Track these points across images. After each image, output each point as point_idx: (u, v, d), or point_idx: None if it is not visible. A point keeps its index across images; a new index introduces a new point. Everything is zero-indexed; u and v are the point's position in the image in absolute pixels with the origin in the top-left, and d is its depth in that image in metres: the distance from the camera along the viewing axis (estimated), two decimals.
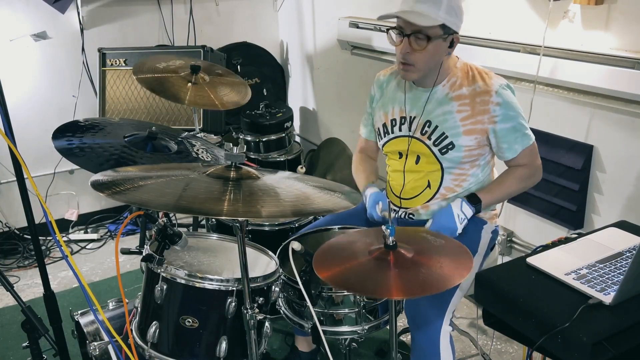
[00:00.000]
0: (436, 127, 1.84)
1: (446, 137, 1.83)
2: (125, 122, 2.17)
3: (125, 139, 1.91)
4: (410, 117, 1.90)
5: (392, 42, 1.81)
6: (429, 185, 1.90)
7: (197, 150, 2.01)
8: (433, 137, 1.85)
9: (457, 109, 1.82)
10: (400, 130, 1.93)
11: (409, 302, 1.78)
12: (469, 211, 1.81)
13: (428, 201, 1.91)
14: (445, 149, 1.84)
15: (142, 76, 2.36)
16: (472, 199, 1.83)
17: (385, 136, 1.98)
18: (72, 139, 1.84)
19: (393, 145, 1.96)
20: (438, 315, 1.71)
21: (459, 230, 1.80)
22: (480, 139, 1.82)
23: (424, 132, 1.86)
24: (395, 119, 1.94)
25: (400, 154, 1.94)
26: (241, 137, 3.50)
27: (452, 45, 1.78)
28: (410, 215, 1.95)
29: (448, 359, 1.72)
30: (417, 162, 1.90)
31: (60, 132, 1.87)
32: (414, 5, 1.72)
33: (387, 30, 1.80)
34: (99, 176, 1.36)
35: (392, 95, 1.97)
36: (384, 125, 1.97)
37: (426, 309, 1.72)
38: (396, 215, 1.99)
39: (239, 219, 1.39)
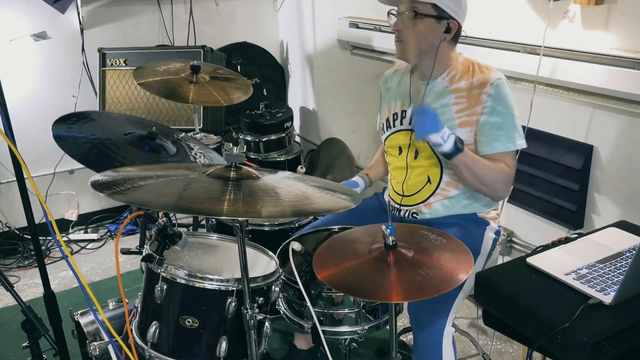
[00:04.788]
0: None
1: None
2: (122, 117, 2.18)
3: (125, 137, 1.90)
4: None
5: (390, 24, 1.84)
6: (429, 181, 1.90)
7: (195, 154, 2.01)
8: None
9: (454, 101, 1.82)
10: (401, 124, 1.94)
11: (412, 302, 1.78)
12: (451, 142, 1.69)
13: (429, 197, 1.91)
14: None
15: (144, 81, 2.37)
16: (457, 144, 1.71)
17: (387, 130, 1.99)
18: (72, 126, 1.84)
19: (394, 139, 1.97)
20: (441, 317, 1.71)
21: (428, 137, 1.68)
22: (476, 131, 1.82)
23: None
24: (396, 113, 1.96)
25: (400, 149, 1.94)
26: (241, 137, 3.50)
27: (448, 31, 1.77)
28: (414, 214, 1.95)
29: (450, 359, 1.72)
30: (415, 157, 1.90)
31: (62, 121, 1.87)
32: None
33: (388, 12, 1.83)
34: (99, 176, 1.36)
35: (395, 90, 1.99)
36: (387, 120, 1.99)
37: (429, 310, 1.72)
38: (398, 214, 1.99)
39: (239, 219, 1.39)
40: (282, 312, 1.79)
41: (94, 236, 3.58)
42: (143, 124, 2.06)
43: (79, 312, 1.97)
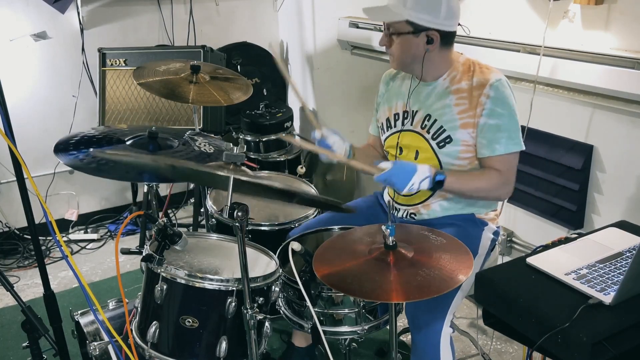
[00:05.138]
0: (435, 120, 1.84)
1: (444, 130, 1.83)
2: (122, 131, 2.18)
3: (128, 143, 1.90)
4: (413, 111, 1.91)
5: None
6: None
7: (200, 144, 2.01)
8: (432, 131, 1.85)
9: (455, 102, 1.82)
10: (402, 124, 1.94)
11: (410, 304, 1.78)
12: (425, 187, 1.72)
13: (428, 198, 1.91)
14: (442, 143, 1.84)
15: (144, 81, 2.38)
16: (438, 180, 1.73)
17: (387, 130, 1.99)
18: (77, 153, 1.82)
19: (394, 139, 1.96)
20: (439, 318, 1.70)
21: (403, 193, 1.71)
22: (477, 133, 1.82)
23: (423, 125, 1.87)
24: (398, 114, 1.96)
25: (401, 149, 1.94)
26: (241, 137, 3.50)
27: (431, 42, 1.78)
28: (412, 215, 1.95)
29: None
30: (416, 157, 1.90)
31: (63, 148, 1.83)
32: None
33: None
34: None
35: (396, 90, 1.99)
36: (387, 119, 1.99)
37: (427, 311, 1.71)
38: (397, 214, 1.99)
39: (238, 213, 1.39)
40: (282, 312, 1.79)
41: (94, 236, 3.57)
42: (138, 129, 2.06)
43: (79, 312, 1.97)
